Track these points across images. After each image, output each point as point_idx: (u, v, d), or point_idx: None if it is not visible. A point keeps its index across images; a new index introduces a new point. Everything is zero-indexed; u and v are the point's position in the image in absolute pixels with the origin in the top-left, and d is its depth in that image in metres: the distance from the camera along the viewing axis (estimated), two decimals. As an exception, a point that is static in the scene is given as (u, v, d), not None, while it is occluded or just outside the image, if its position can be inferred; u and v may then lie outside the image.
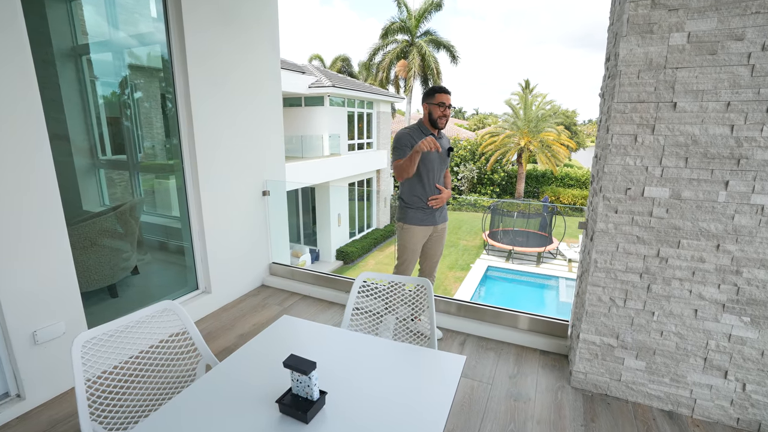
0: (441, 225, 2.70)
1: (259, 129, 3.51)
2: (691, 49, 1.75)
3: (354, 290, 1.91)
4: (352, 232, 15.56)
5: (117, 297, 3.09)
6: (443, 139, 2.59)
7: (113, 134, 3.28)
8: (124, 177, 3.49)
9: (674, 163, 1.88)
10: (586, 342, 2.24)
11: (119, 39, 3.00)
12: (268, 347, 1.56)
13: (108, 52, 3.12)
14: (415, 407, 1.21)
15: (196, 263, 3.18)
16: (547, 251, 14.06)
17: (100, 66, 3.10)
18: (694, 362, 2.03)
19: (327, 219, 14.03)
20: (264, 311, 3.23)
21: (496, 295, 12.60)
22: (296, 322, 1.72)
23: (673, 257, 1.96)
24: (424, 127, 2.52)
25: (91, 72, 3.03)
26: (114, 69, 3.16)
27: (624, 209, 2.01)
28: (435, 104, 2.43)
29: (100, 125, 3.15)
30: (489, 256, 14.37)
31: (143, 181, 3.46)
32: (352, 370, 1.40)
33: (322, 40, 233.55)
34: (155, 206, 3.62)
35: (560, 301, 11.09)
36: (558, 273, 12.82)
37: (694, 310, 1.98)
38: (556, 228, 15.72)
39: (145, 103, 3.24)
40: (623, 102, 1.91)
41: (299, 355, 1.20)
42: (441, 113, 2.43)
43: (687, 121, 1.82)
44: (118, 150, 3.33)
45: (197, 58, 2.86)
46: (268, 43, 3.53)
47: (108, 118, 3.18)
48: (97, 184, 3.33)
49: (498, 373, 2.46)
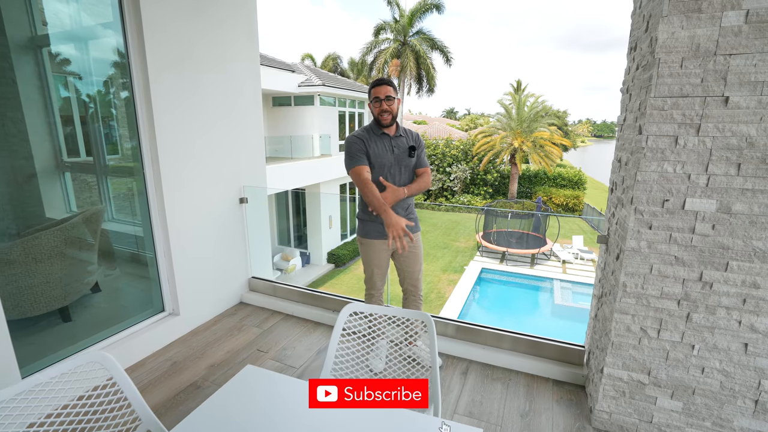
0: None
1: (235, 129, 3.13)
2: (750, 31, 1.43)
3: (337, 329, 1.56)
4: (344, 234, 15.19)
5: (70, 321, 2.69)
6: (402, 138, 2.26)
7: (78, 134, 2.89)
8: (91, 181, 3.10)
9: (723, 170, 1.56)
10: (611, 377, 1.92)
11: (83, 30, 2.62)
12: (229, 408, 1.21)
13: (71, 43, 2.73)
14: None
15: (161, 281, 2.80)
16: (540, 252, 13.86)
17: (63, 59, 2.72)
18: (743, 405, 1.72)
19: (318, 221, 13.64)
20: (240, 335, 2.86)
21: (491, 298, 12.35)
22: (262, 376, 1.36)
23: (720, 282, 1.65)
24: (375, 127, 2.22)
25: (52, 66, 2.65)
26: (78, 62, 2.77)
27: (660, 225, 1.69)
28: (371, 101, 2.18)
29: (71, 124, 2.76)
30: (483, 257, 14.12)
31: (113, 186, 3.06)
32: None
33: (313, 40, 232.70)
34: (125, 213, 3.23)
35: (555, 303, 10.89)
36: (552, 275, 12.61)
37: (744, 344, 1.67)
38: (550, 228, 15.55)
39: (113, 100, 2.85)
40: (662, 97, 1.58)
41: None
42: (379, 109, 2.14)
43: (741, 120, 1.50)
44: (86, 151, 2.95)
45: (158, 49, 2.49)
46: (245, 35, 3.16)
47: (69, 117, 2.79)
48: (62, 189, 2.93)
49: (507, 411, 2.13)
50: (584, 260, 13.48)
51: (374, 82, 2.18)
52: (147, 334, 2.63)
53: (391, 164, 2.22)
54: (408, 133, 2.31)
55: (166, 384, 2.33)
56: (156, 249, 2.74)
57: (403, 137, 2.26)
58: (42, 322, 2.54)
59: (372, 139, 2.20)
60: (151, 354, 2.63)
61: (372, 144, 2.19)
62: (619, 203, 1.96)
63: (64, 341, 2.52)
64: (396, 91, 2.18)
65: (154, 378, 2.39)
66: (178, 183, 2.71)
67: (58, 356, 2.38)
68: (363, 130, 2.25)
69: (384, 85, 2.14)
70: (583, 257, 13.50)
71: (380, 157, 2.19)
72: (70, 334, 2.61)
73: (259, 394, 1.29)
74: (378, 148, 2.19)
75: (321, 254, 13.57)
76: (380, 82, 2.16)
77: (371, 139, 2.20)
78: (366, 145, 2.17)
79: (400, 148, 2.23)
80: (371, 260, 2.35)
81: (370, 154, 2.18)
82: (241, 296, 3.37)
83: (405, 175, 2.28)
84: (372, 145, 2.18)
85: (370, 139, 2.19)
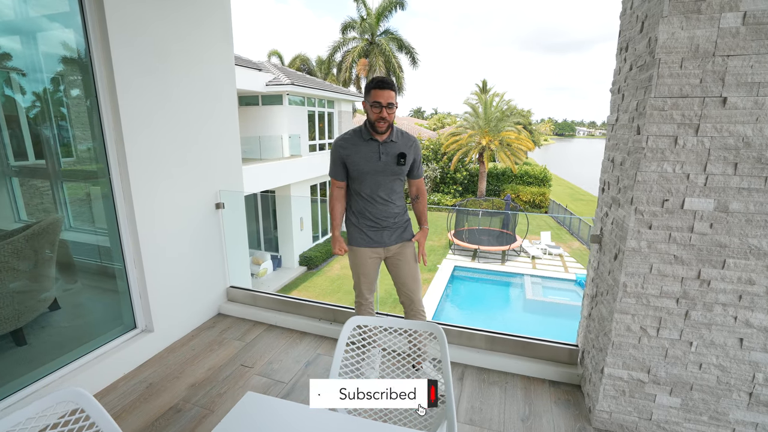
0: (396, 246, 2.20)
1: (209, 130, 2.93)
2: (747, 33, 1.46)
3: (341, 344, 1.45)
4: (316, 236, 14.91)
5: (25, 345, 2.41)
6: (394, 144, 2.06)
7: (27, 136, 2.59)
8: (44, 187, 2.79)
9: (721, 169, 1.58)
10: (611, 377, 1.92)
11: (30, 21, 2.34)
12: (228, 446, 1.08)
13: (15, 35, 2.44)
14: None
15: (132, 296, 2.57)
16: (511, 249, 14.22)
17: (7, 53, 2.42)
18: (738, 398, 1.76)
19: (289, 223, 13.30)
20: (221, 350, 2.67)
21: (464, 295, 12.52)
22: (264, 403, 1.23)
23: (717, 279, 1.68)
24: (365, 131, 2.04)
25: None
26: (25, 57, 2.47)
27: (660, 224, 1.70)
28: (369, 103, 1.95)
29: (17, 126, 2.46)
30: (455, 255, 14.29)
31: (70, 191, 2.77)
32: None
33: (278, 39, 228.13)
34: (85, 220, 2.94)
35: (526, 298, 11.19)
36: (522, 270, 12.97)
37: (740, 339, 1.71)
38: (519, 225, 15.99)
39: (68, 99, 2.58)
40: (662, 97, 1.59)
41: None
42: (377, 115, 1.92)
43: (738, 120, 1.53)
44: (36, 154, 2.65)
45: (123, 44, 2.26)
46: (219, 30, 2.96)
47: (12, 117, 2.49)
48: (8, 196, 2.62)
49: (508, 415, 2.10)
50: (552, 255, 13.95)
51: (376, 82, 1.92)
52: (117, 354, 2.40)
53: (377, 172, 2.04)
54: (403, 137, 2.11)
55: (143, 409, 2.13)
56: (125, 260, 2.50)
57: (396, 142, 2.07)
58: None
59: (357, 144, 2.04)
60: (123, 376, 2.40)
61: (355, 151, 2.03)
62: (614, 203, 1.96)
63: (19, 368, 2.24)
64: (397, 96, 1.98)
65: (128, 403, 2.17)
66: (148, 188, 2.49)
67: (12, 387, 2.11)
68: (351, 133, 2.09)
69: (388, 90, 1.91)
70: (551, 252, 13.96)
71: (363, 164, 2.03)
72: (26, 359, 2.33)
73: (264, 426, 1.16)
74: (361, 154, 2.03)
75: (293, 257, 13.25)
76: (383, 84, 1.91)
77: (356, 146, 2.04)
78: (344, 153, 2.04)
79: (390, 155, 2.04)
80: (358, 267, 2.23)
81: (350, 163, 2.05)
82: (219, 307, 3.17)
83: (390, 184, 2.09)
84: (354, 152, 2.03)
85: (354, 146, 2.04)
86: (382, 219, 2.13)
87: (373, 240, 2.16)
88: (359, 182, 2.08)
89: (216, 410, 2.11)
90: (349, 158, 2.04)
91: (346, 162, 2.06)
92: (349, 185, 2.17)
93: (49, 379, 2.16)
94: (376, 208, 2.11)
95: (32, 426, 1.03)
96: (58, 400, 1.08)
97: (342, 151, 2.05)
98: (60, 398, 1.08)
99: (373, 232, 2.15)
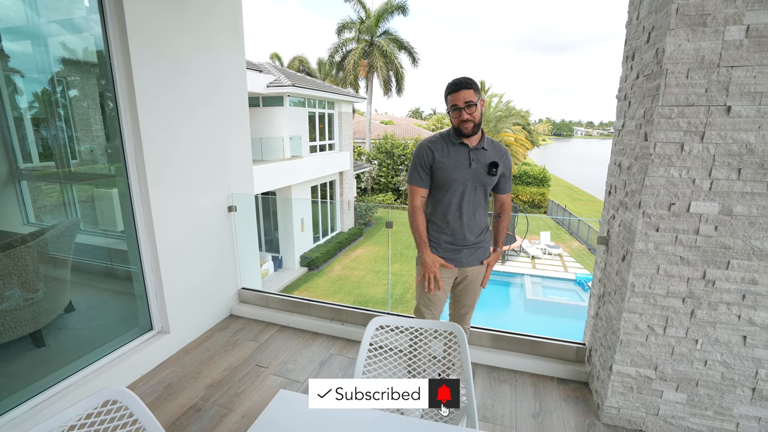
0: (472, 268, 2.00)
1: (222, 133, 2.99)
2: (750, 45, 1.53)
3: (364, 344, 1.51)
4: (316, 237, 14.97)
5: (44, 346, 2.46)
6: (485, 152, 1.87)
7: (37, 138, 2.64)
8: (53, 189, 2.85)
9: (725, 174, 1.65)
10: (620, 374, 1.99)
11: (44, 26, 2.40)
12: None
13: (27, 40, 2.49)
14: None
15: (149, 298, 2.62)
16: (511, 249, 14.29)
17: (19, 57, 2.47)
18: (742, 393, 1.84)
19: (290, 224, 13.35)
20: (236, 350, 2.73)
21: (465, 295, 12.58)
22: (296, 401, 1.29)
23: (721, 279, 1.75)
24: (452, 135, 1.87)
25: (4, 64, 2.40)
26: (38, 61, 2.53)
27: (667, 227, 1.77)
28: (449, 110, 1.82)
29: (23, 127, 2.52)
30: (455, 256, 14.35)
31: (79, 193, 2.83)
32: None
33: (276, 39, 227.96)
34: (95, 223, 2.99)
35: (527, 298, 11.28)
36: (522, 270, 13.06)
37: (743, 337, 1.78)
38: (519, 225, 16.07)
39: (82, 103, 2.64)
40: (669, 105, 1.66)
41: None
42: (459, 119, 1.77)
43: (742, 128, 1.60)
44: (46, 157, 2.70)
45: (142, 50, 2.32)
46: (231, 36, 3.02)
47: (28, 119, 2.55)
48: (17, 199, 2.67)
49: (519, 412, 2.16)
50: (552, 255, 14.05)
51: (451, 86, 1.79)
52: (135, 356, 2.46)
53: (465, 181, 1.85)
54: (494, 146, 1.92)
55: (163, 409, 2.18)
56: (143, 263, 2.56)
57: (487, 150, 1.87)
58: (12, 349, 2.31)
59: (446, 148, 1.85)
60: (141, 377, 2.46)
61: (444, 155, 1.85)
62: (621, 206, 2.03)
63: (40, 369, 2.29)
64: (478, 93, 1.79)
65: (148, 403, 2.22)
66: (166, 191, 2.55)
67: (36, 387, 2.16)
68: (438, 136, 1.89)
69: (463, 90, 1.75)
70: (550, 252, 14.06)
71: (452, 171, 1.84)
72: (46, 361, 2.38)
73: (297, 419, 1.22)
74: (451, 160, 1.84)
75: (294, 258, 13.30)
76: (459, 86, 1.76)
77: (444, 149, 1.85)
78: (434, 158, 1.85)
79: (481, 163, 1.85)
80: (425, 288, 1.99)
81: (437, 168, 1.85)
82: (231, 309, 3.22)
83: (480, 196, 1.91)
84: (444, 156, 1.85)
85: (442, 149, 1.85)
86: (464, 236, 1.93)
87: (451, 259, 1.95)
88: (444, 191, 1.88)
89: (235, 409, 2.17)
90: (439, 162, 1.85)
91: (433, 166, 1.86)
92: (429, 195, 1.96)
93: (71, 380, 2.21)
94: (459, 223, 1.90)
95: (81, 422, 1.09)
96: (104, 398, 1.14)
97: (431, 154, 1.86)
98: (105, 396, 1.14)
99: (451, 251, 1.95)
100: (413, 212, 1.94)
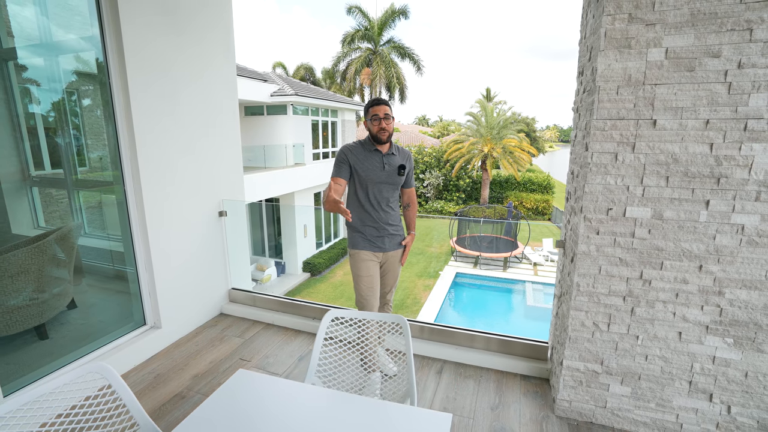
0: (393, 252, 2.44)
1: (213, 143, 3.21)
2: (670, 65, 1.69)
3: (320, 335, 1.69)
4: (319, 243, 15.19)
5: (47, 339, 2.68)
6: (394, 156, 2.33)
7: (47, 147, 2.89)
8: (61, 195, 3.09)
9: (655, 182, 1.81)
10: (569, 369, 2.13)
11: (52, 42, 2.65)
12: (222, 413, 1.31)
13: (39, 56, 2.75)
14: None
15: (142, 295, 2.83)
16: (513, 256, 14.34)
17: (31, 71, 2.73)
18: (680, 386, 1.96)
19: (292, 230, 13.60)
20: (222, 345, 2.92)
21: (466, 301, 12.66)
22: (254, 379, 1.47)
23: (657, 279, 1.89)
24: (368, 143, 2.29)
25: (19, 78, 2.66)
26: (47, 75, 2.78)
27: (606, 230, 1.92)
28: (369, 119, 2.26)
29: (36, 137, 2.76)
30: (457, 262, 14.44)
31: (84, 199, 3.06)
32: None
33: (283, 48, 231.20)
34: (98, 227, 3.23)
35: (527, 305, 11.29)
36: (524, 277, 13.07)
37: (678, 333, 1.92)
38: (521, 232, 16.12)
39: (87, 113, 2.88)
40: (602, 119, 1.82)
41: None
42: (377, 127, 2.21)
43: (667, 139, 1.75)
44: (54, 165, 2.94)
45: (138, 65, 2.55)
46: (222, 51, 3.25)
47: (35, 129, 2.79)
48: (29, 204, 2.91)
49: (479, 404, 2.31)
50: (554, 262, 14.05)
51: (373, 102, 2.25)
52: (129, 348, 2.66)
53: (381, 181, 2.27)
54: (400, 151, 2.38)
55: (151, 396, 2.37)
56: (137, 263, 2.77)
57: (395, 155, 2.33)
58: (18, 341, 2.53)
59: (363, 153, 2.26)
60: (134, 367, 2.65)
61: (362, 158, 2.25)
62: (572, 211, 2.19)
63: (43, 359, 2.51)
64: (392, 110, 2.28)
65: (138, 391, 2.42)
66: (159, 198, 2.76)
67: (38, 374, 2.38)
68: (357, 143, 2.31)
69: (383, 105, 2.23)
70: (553, 259, 14.06)
71: (369, 173, 2.25)
72: (48, 351, 2.60)
73: (252, 394, 1.40)
74: (368, 163, 2.25)
75: (296, 263, 13.51)
76: (379, 102, 2.24)
77: (362, 154, 2.26)
78: (353, 159, 2.24)
79: (392, 166, 2.29)
80: (360, 272, 2.36)
81: (358, 168, 2.24)
82: (221, 307, 3.42)
83: (391, 192, 2.35)
84: (362, 159, 2.25)
85: (360, 154, 2.26)
86: (383, 226, 2.35)
87: (376, 245, 2.35)
88: (365, 190, 2.29)
89: (216, 397, 2.35)
90: (359, 165, 2.24)
91: (355, 167, 2.25)
92: (352, 194, 2.36)
93: (70, 368, 2.42)
94: (379, 215, 2.33)
95: (68, 390, 1.28)
96: (88, 371, 1.33)
97: (352, 156, 2.25)
98: (89, 369, 1.33)
99: (376, 239, 2.36)
100: (328, 194, 2.14)
